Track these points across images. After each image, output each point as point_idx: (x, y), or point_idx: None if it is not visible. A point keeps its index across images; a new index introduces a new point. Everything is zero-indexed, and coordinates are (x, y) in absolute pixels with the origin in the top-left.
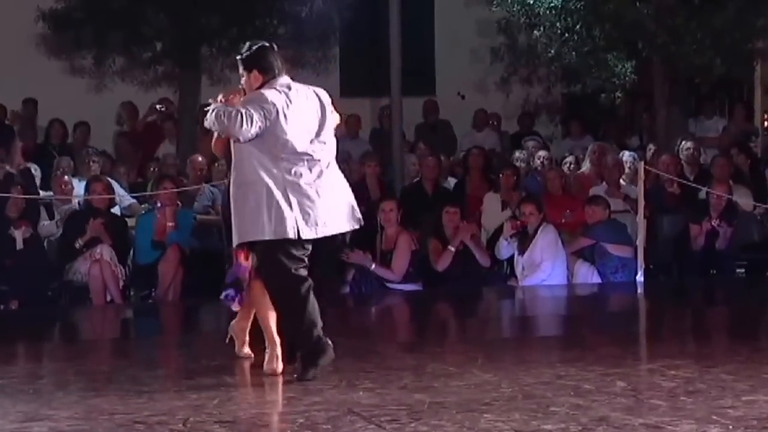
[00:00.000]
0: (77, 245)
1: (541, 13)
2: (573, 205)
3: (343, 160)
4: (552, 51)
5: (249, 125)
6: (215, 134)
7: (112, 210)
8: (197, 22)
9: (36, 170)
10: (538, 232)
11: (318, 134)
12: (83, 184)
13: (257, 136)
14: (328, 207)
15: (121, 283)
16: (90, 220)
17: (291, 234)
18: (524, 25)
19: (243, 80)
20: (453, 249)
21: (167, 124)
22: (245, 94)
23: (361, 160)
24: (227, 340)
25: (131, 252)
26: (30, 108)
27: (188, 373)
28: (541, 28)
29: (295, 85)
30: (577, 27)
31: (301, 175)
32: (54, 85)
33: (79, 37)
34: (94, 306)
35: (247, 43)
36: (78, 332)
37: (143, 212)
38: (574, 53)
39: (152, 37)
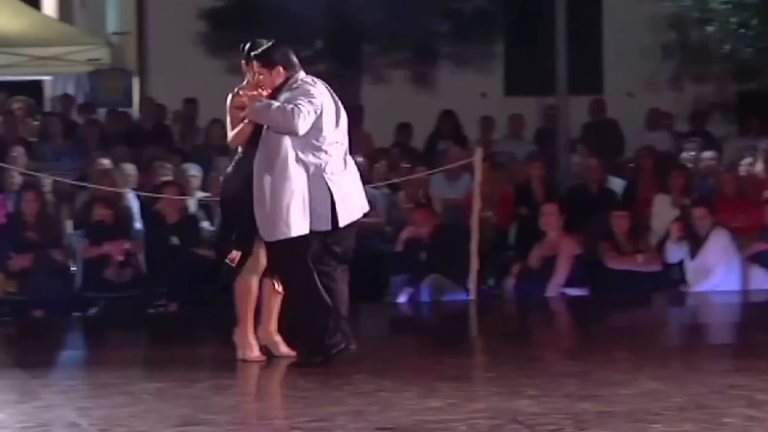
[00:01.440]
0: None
1: (714, 8)
2: (747, 208)
3: (506, 161)
4: (726, 47)
5: (305, 120)
6: (238, 127)
7: None
8: (357, 20)
9: (198, 171)
10: (710, 236)
11: (338, 124)
12: None
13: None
14: (356, 192)
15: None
16: None
17: (328, 226)
18: (697, 21)
19: (256, 76)
20: (641, 261)
21: None
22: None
23: (526, 161)
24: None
25: None
26: (191, 108)
27: (347, 378)
28: (715, 24)
29: (315, 79)
30: (754, 22)
31: (335, 164)
32: (214, 84)
33: (238, 36)
34: None
35: (254, 42)
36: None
37: None
38: (749, 49)
39: (312, 35)
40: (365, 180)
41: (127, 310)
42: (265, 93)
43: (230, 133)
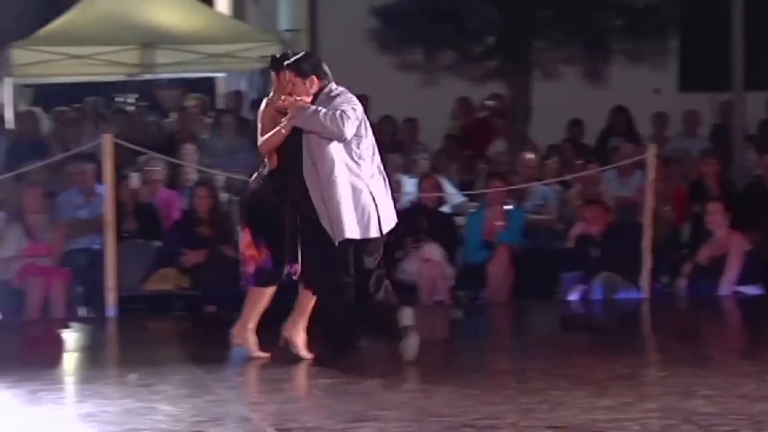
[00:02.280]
0: (406, 245)
1: None
2: None
3: (680, 157)
4: None
5: (352, 125)
6: (271, 132)
7: (442, 208)
8: (529, 16)
9: None
10: None
11: (368, 133)
12: (413, 181)
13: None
14: (389, 200)
15: (450, 283)
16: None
17: (376, 233)
18: None
19: (289, 86)
20: None
21: (498, 120)
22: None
23: (700, 158)
24: (282, 344)
25: (461, 251)
26: (362, 104)
27: (518, 376)
28: None
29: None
30: None
31: (372, 172)
32: (384, 80)
33: (409, 32)
34: (422, 305)
35: (284, 52)
36: None
37: (473, 211)
38: None
39: (483, 31)
40: (536, 176)
41: None
42: (308, 99)
43: (261, 139)
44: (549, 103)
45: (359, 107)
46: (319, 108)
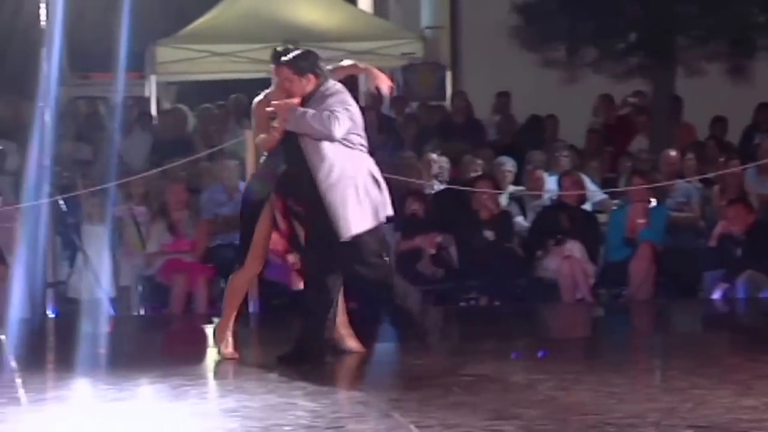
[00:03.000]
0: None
1: None
2: None
3: None
4: None
5: (341, 126)
6: (269, 133)
7: (583, 206)
8: (672, 11)
9: (513, 165)
10: None
11: (365, 128)
12: (554, 178)
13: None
14: (379, 199)
15: (592, 281)
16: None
17: (384, 218)
18: None
19: (286, 82)
20: None
21: (641, 117)
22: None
23: None
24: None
25: (602, 249)
26: (504, 101)
27: (660, 374)
28: None
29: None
30: None
31: (367, 169)
32: (527, 77)
33: (551, 29)
34: (563, 303)
35: (285, 48)
36: (547, 330)
37: (615, 208)
38: None
39: (625, 27)
40: (678, 174)
41: (438, 302)
42: (296, 101)
43: (258, 138)
44: (692, 100)
45: (353, 106)
46: (308, 110)
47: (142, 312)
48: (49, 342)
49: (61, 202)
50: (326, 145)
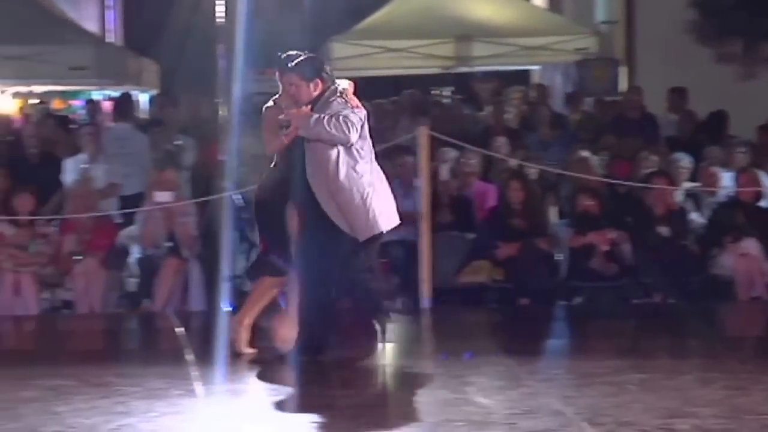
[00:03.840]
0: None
1: None
2: None
3: None
4: None
5: (357, 130)
6: (277, 138)
7: (759, 203)
8: None
9: (689, 161)
10: None
11: (367, 135)
12: (730, 175)
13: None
14: (390, 204)
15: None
16: None
17: (388, 226)
18: None
19: (292, 88)
20: None
21: None
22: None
23: None
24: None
25: None
26: (680, 97)
27: None
28: None
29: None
30: None
31: (374, 174)
32: (702, 73)
33: (728, 24)
34: (739, 301)
35: (289, 53)
36: (722, 328)
37: None
38: None
39: None
40: None
41: (611, 300)
42: (308, 109)
43: (267, 142)
44: None
45: (362, 111)
46: (322, 115)
47: None
48: (223, 336)
49: (238, 197)
50: (333, 151)
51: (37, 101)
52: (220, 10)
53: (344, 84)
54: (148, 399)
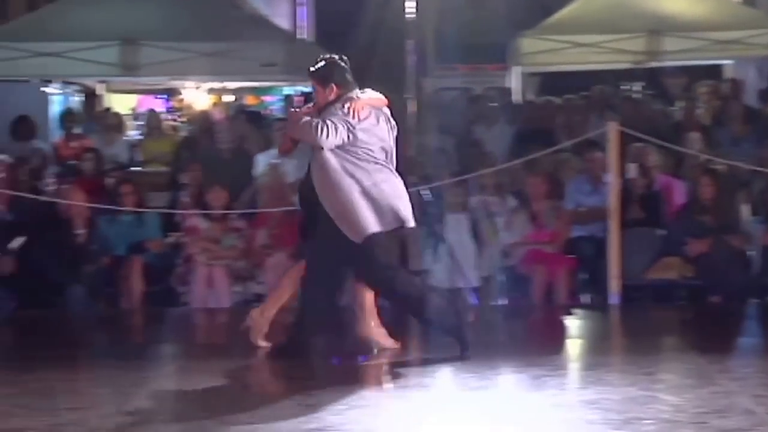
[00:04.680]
0: None
1: None
2: None
3: None
4: None
5: (329, 135)
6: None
7: None
8: None
9: None
10: None
11: (386, 140)
12: None
13: (340, 145)
14: (393, 206)
15: None
16: None
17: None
18: None
19: (314, 93)
20: None
21: None
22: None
23: None
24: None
25: None
26: None
27: None
28: None
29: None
30: None
31: (377, 180)
32: None
33: None
34: None
35: (317, 59)
36: None
37: None
38: None
39: None
40: None
41: None
42: (305, 111)
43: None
44: None
45: (366, 121)
46: (307, 119)
47: (502, 302)
48: (412, 329)
49: (425, 192)
50: (330, 153)
51: (231, 97)
52: (410, 5)
53: (372, 93)
54: (338, 392)
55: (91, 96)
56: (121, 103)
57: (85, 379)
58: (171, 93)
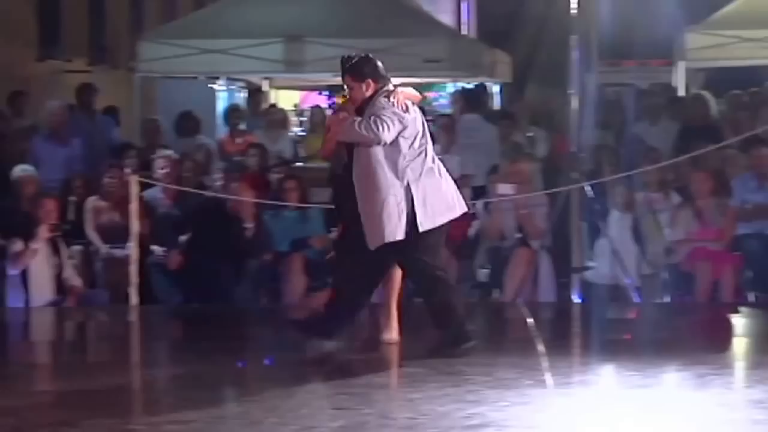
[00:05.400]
0: None
1: None
2: None
3: None
4: None
5: (388, 130)
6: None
7: None
8: None
9: None
10: None
11: (424, 133)
12: None
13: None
14: (439, 199)
15: None
16: None
17: (420, 228)
18: None
19: (349, 89)
20: None
21: None
22: (350, 102)
23: None
24: None
25: None
26: None
27: None
28: None
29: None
30: None
31: (420, 173)
32: None
33: None
34: None
35: (348, 55)
36: None
37: None
38: None
39: None
40: None
41: None
42: (342, 115)
43: (322, 145)
44: None
45: (402, 110)
46: (356, 119)
47: (666, 299)
48: (574, 327)
49: (588, 188)
50: (374, 153)
51: None
52: (574, 0)
53: (410, 90)
54: (499, 388)
55: (255, 92)
56: (285, 100)
57: (250, 372)
58: (334, 89)
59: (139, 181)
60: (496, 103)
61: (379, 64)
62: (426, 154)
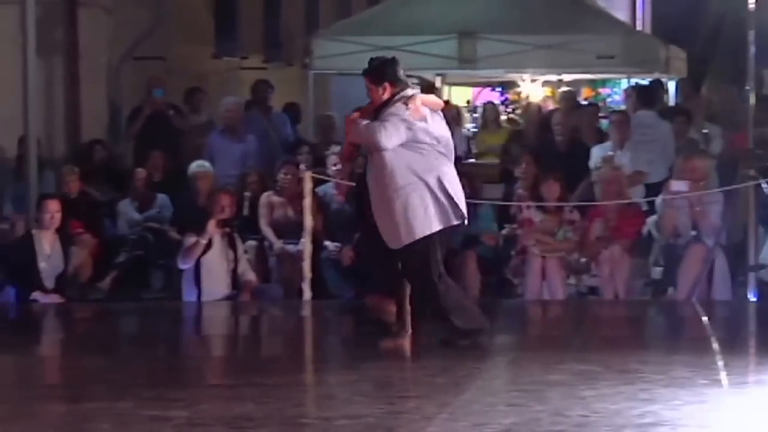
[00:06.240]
0: None
1: None
2: None
3: None
4: None
5: (390, 136)
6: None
7: None
8: None
9: None
10: None
11: (441, 139)
12: None
13: (399, 145)
14: (459, 199)
15: None
16: None
17: (447, 223)
18: None
19: (369, 92)
20: None
21: None
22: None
23: None
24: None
25: None
26: None
27: None
28: None
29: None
30: None
31: (440, 174)
32: None
33: None
34: None
35: (371, 59)
36: None
37: None
38: None
39: None
40: None
41: None
42: (355, 115)
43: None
44: None
45: (420, 120)
46: (365, 122)
47: None
48: (750, 326)
49: (765, 185)
50: (388, 157)
51: (566, 89)
52: None
53: (431, 97)
54: (672, 387)
55: (428, 89)
56: (458, 96)
57: (421, 368)
58: (507, 85)
59: (312, 177)
60: (671, 99)
61: (399, 68)
62: (441, 159)
